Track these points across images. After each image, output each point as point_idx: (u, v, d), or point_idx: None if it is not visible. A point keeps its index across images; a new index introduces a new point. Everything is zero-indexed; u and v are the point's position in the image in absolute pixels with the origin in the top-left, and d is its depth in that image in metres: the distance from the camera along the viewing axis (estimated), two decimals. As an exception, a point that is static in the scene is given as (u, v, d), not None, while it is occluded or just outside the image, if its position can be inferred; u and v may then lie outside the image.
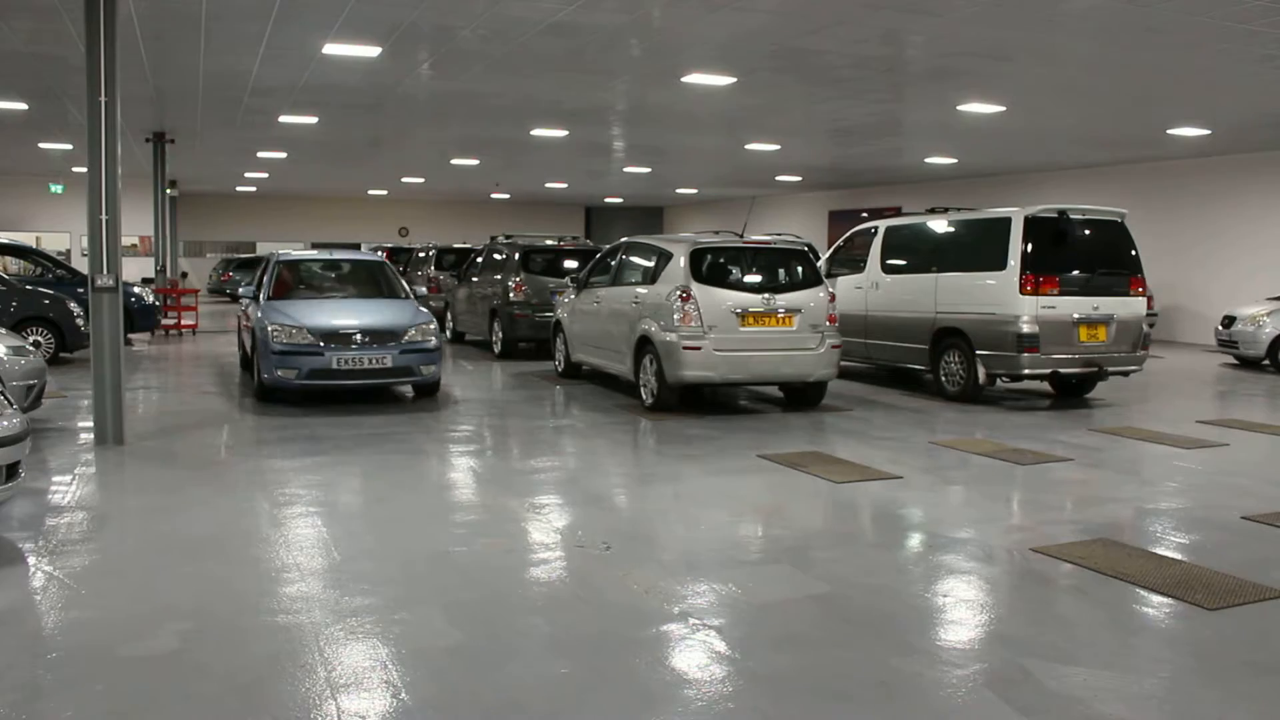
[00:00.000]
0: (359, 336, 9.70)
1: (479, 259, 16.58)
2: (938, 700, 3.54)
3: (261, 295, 10.83)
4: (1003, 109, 13.78)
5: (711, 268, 9.96)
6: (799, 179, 26.14)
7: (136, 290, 15.75)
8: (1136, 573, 4.97)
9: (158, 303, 16.70)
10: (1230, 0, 8.12)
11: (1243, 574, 4.96)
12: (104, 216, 7.96)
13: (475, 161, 22.47)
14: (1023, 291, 10.20)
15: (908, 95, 13.09)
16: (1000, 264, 10.42)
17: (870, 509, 6.36)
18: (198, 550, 5.17)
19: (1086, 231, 10.61)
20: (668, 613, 4.37)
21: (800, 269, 10.33)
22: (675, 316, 9.59)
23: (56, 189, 28.34)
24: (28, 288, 13.70)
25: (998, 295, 10.42)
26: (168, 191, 20.83)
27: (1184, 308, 19.74)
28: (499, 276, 15.20)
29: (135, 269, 26.55)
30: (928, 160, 20.75)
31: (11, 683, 3.55)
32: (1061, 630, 4.26)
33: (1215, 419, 9.99)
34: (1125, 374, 11.06)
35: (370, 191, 33.12)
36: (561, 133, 17.15)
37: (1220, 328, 15.25)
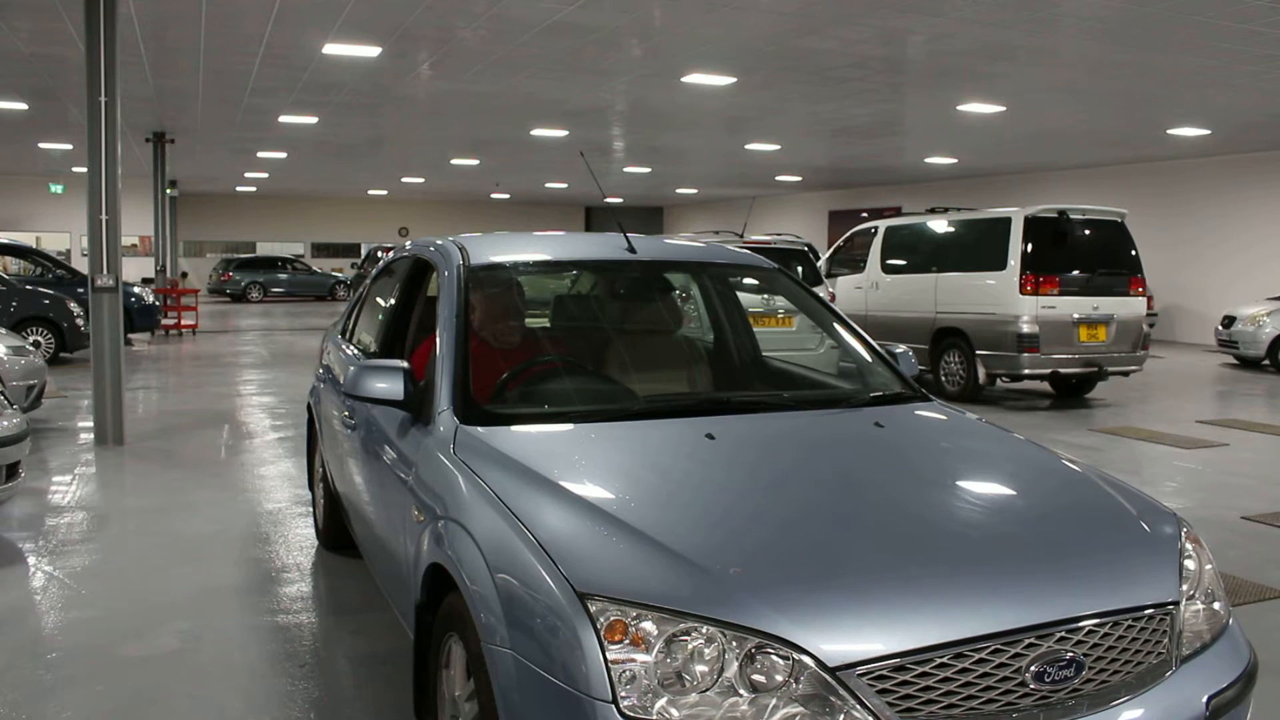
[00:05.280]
0: None
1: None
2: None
3: (442, 401, 2.99)
4: (1003, 109, 13.78)
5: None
6: (799, 179, 26.14)
7: (136, 290, 15.73)
8: (1136, 573, 4.97)
9: (158, 303, 16.69)
10: (1230, 0, 8.12)
11: (1243, 574, 4.96)
12: (104, 216, 7.95)
13: (475, 161, 22.48)
14: (1023, 291, 10.20)
15: (908, 95, 13.09)
16: (1000, 264, 10.42)
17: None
18: (198, 550, 5.17)
19: (1086, 231, 10.61)
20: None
21: (800, 269, 10.33)
22: (676, 317, 9.48)
23: (56, 189, 28.37)
24: (28, 288, 13.69)
25: (998, 295, 10.42)
26: (168, 191, 20.83)
27: (1184, 308, 19.73)
28: None
29: (135, 269, 26.57)
30: (928, 160, 20.75)
31: (11, 683, 3.55)
32: (1061, 630, 4.24)
33: (1215, 419, 9.99)
34: (1125, 374, 11.05)
35: (370, 191, 33.11)
36: (561, 133, 17.14)
37: (1220, 328, 15.24)
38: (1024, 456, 2.96)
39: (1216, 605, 2.45)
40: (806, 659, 1.93)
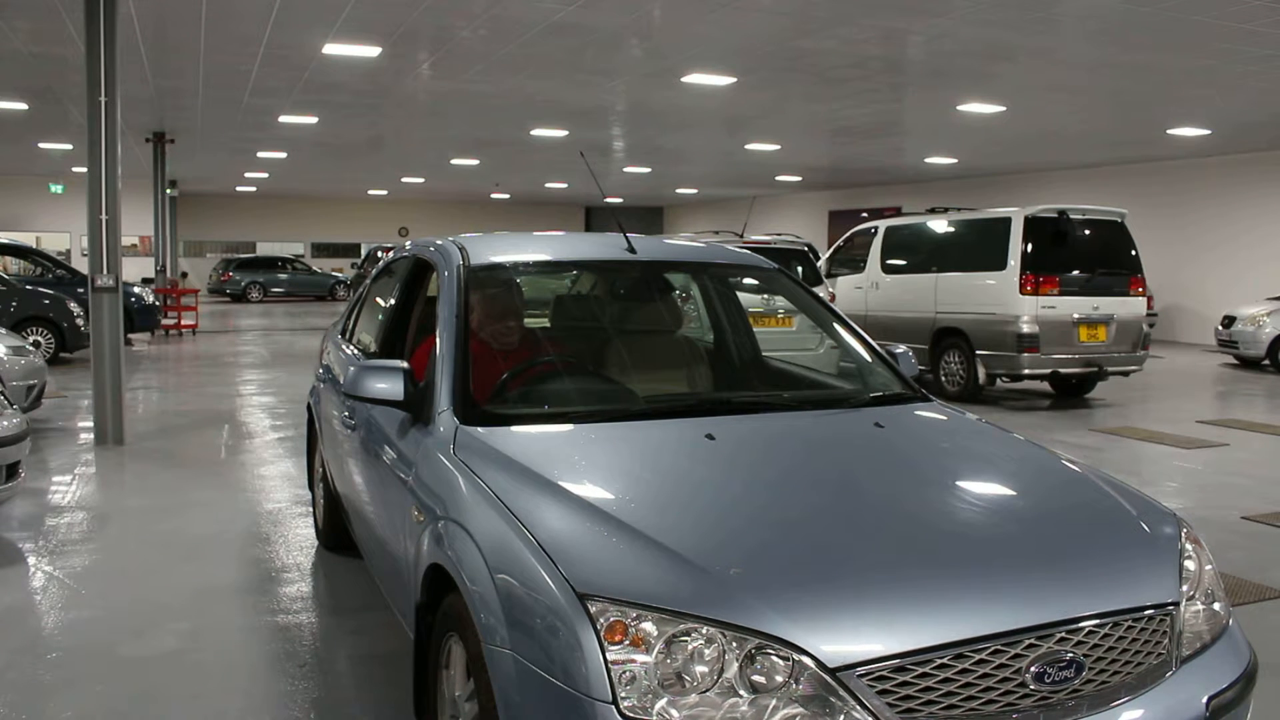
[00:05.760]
0: None
1: None
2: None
3: (442, 401, 2.99)
4: (1003, 109, 13.78)
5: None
6: (799, 179, 26.14)
7: (136, 290, 15.74)
8: (1136, 573, 4.97)
9: (158, 303, 16.69)
10: (1230, 0, 8.13)
11: (1243, 574, 4.96)
12: (104, 216, 7.95)
13: (475, 162, 22.48)
14: (1023, 291, 10.20)
15: (908, 95, 13.09)
16: (1000, 264, 10.42)
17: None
18: (198, 550, 5.17)
19: (1086, 231, 10.61)
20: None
21: (800, 269, 10.33)
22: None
23: (56, 189, 28.37)
24: (28, 288, 13.69)
25: (998, 295, 10.42)
26: (168, 191, 20.84)
27: (1184, 308, 19.73)
28: None
29: (135, 269, 26.55)
30: (928, 160, 20.75)
31: (11, 683, 3.55)
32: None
33: (1215, 419, 9.99)
34: (1125, 374, 11.06)
35: (370, 191, 33.12)
36: (561, 133, 17.15)
37: (1220, 328, 15.24)
38: (1024, 457, 2.94)
39: (1216, 606, 2.44)
40: (806, 659, 1.92)
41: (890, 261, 12.09)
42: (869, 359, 3.67)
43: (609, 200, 34.38)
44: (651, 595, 1.99)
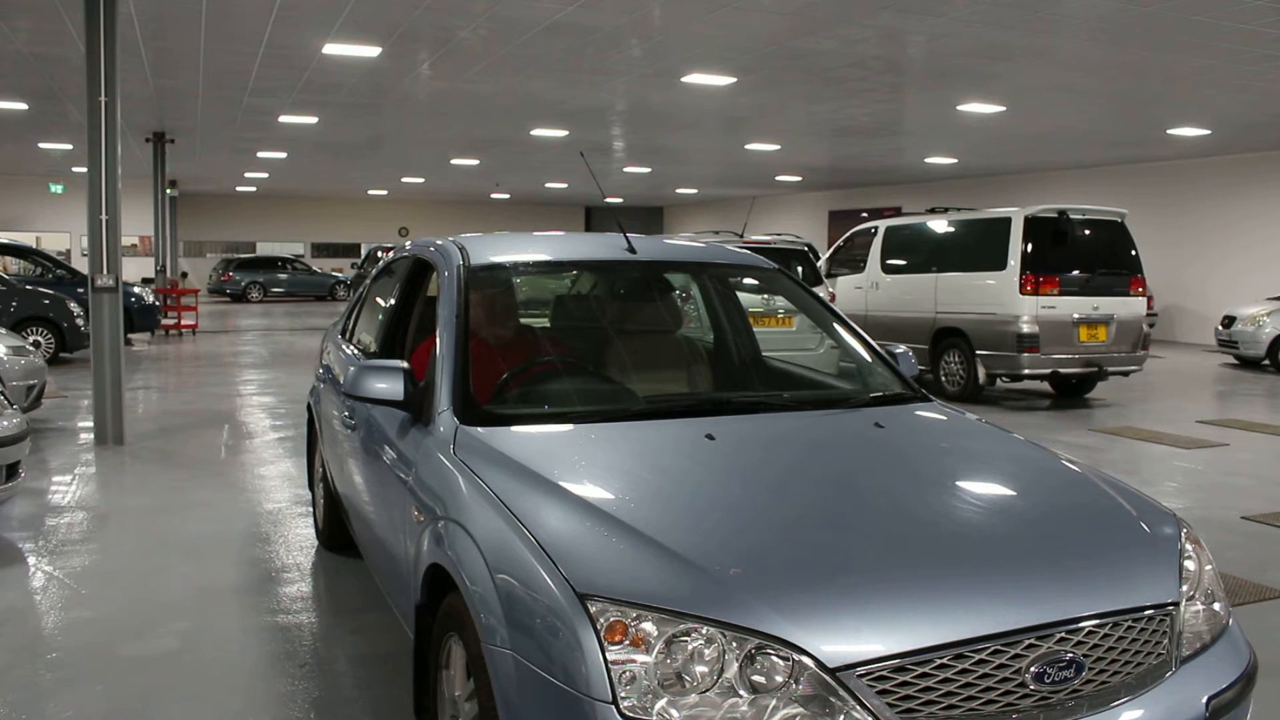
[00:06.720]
0: None
1: None
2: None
3: (442, 401, 2.99)
4: (1003, 109, 13.78)
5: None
6: (799, 179, 26.14)
7: (136, 290, 15.74)
8: (1136, 573, 4.97)
9: (158, 303, 16.69)
10: (1230, 0, 8.13)
11: (1243, 574, 4.96)
12: (104, 216, 7.96)
13: (475, 162, 22.49)
14: (1023, 291, 10.21)
15: (908, 95, 13.09)
16: (1000, 264, 10.42)
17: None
18: (198, 550, 5.17)
19: (1086, 231, 10.61)
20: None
21: (800, 269, 10.33)
22: (676, 317, 9.45)
23: (56, 189, 28.38)
24: (28, 288, 13.69)
25: (998, 295, 10.43)
26: (168, 191, 20.85)
27: (1184, 308, 19.73)
28: None
29: (135, 269, 26.56)
30: (928, 160, 20.75)
31: (11, 683, 3.55)
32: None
33: (1215, 419, 9.99)
34: (1125, 374, 11.06)
35: (370, 191, 33.13)
36: (561, 133, 17.15)
37: (1220, 328, 15.24)
38: (1024, 457, 2.94)
39: (1216, 606, 2.43)
40: (806, 660, 1.91)
41: (890, 261, 12.09)
42: (869, 359, 3.66)
43: (609, 200, 34.38)
44: (651, 595, 1.99)
